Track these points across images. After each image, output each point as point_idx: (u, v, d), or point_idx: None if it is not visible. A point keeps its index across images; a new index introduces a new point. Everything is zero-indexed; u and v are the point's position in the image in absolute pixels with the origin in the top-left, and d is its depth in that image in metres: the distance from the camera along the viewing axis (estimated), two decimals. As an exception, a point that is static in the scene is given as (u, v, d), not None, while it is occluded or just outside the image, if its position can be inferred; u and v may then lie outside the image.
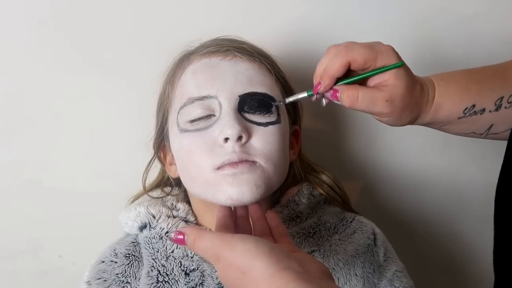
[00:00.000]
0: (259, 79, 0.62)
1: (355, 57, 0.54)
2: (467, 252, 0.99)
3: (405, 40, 0.87)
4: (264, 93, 0.61)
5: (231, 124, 0.57)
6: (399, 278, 0.67)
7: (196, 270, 0.62)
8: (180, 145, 0.62)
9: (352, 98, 0.54)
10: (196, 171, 0.60)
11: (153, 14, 0.80)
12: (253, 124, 0.59)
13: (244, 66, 0.62)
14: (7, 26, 0.76)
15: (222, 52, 0.63)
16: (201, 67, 0.63)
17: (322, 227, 0.68)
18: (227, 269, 0.44)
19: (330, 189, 0.72)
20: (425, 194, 0.95)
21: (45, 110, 0.80)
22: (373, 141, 0.91)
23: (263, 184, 0.58)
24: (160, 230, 0.65)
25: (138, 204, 0.68)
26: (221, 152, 0.57)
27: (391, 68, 0.54)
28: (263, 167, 0.58)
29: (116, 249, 0.67)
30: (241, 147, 0.57)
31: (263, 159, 0.58)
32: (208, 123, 0.59)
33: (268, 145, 0.59)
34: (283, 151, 0.61)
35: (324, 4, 0.84)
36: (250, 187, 0.57)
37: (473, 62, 0.89)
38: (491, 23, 0.89)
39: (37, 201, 0.82)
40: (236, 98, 0.59)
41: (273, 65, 0.66)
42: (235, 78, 0.60)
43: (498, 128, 0.57)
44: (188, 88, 0.62)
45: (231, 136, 0.56)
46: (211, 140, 0.58)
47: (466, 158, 0.94)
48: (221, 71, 0.61)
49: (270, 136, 0.59)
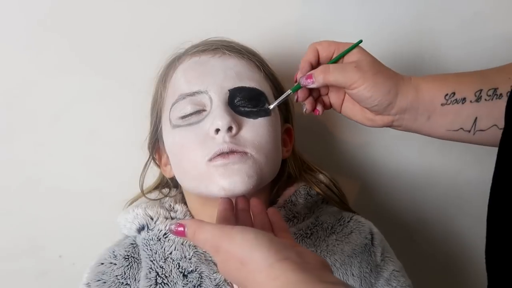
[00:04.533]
0: (248, 75, 0.64)
1: (320, 43, 0.61)
2: (466, 252, 0.98)
3: (405, 40, 0.87)
4: (253, 88, 0.63)
5: (221, 115, 0.58)
6: (396, 277, 0.68)
7: (194, 272, 0.62)
8: (173, 140, 0.63)
9: (324, 70, 0.58)
10: (189, 164, 0.61)
11: (151, 16, 0.80)
12: (243, 117, 0.61)
13: (233, 62, 0.64)
14: (6, 27, 0.76)
15: (212, 50, 0.65)
16: (191, 65, 0.65)
17: (319, 227, 0.68)
18: (227, 260, 0.45)
19: (327, 189, 0.72)
20: (424, 194, 0.94)
21: (45, 110, 0.80)
22: (372, 141, 0.91)
23: (255, 174, 0.59)
24: (158, 231, 0.65)
25: (136, 206, 0.69)
26: (213, 144, 0.59)
27: (354, 46, 0.60)
28: (254, 158, 0.60)
29: (115, 251, 0.67)
30: (231, 138, 0.59)
31: (254, 149, 0.60)
32: (199, 118, 0.61)
33: (258, 136, 0.61)
34: (274, 143, 0.63)
35: (323, 4, 0.84)
36: (242, 177, 0.58)
37: (473, 62, 0.90)
38: (491, 23, 0.89)
39: (37, 201, 0.82)
40: (226, 92, 0.61)
41: (262, 62, 0.68)
42: (224, 73, 0.62)
43: (483, 123, 0.57)
44: (179, 86, 0.63)
45: (221, 126, 0.58)
46: (203, 133, 0.60)
47: (466, 158, 0.94)
48: (210, 67, 0.63)
49: (260, 128, 0.61)
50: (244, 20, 0.83)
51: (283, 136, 0.69)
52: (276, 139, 0.64)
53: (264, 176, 0.61)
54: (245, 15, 0.83)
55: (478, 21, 0.88)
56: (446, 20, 0.87)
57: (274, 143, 0.63)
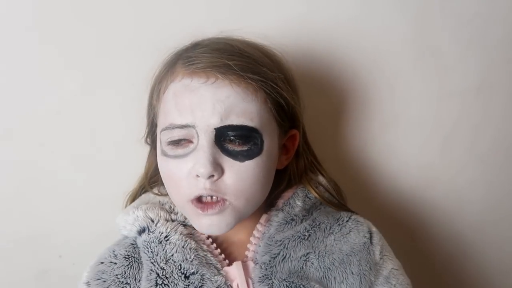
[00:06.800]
0: (239, 108, 0.59)
1: None
2: (466, 252, 0.99)
3: (405, 40, 0.87)
4: (241, 126, 0.59)
5: (203, 162, 0.58)
6: (395, 276, 0.68)
7: (196, 274, 0.62)
8: (161, 168, 0.65)
9: None
10: (175, 196, 0.64)
11: (152, 13, 0.79)
12: (229, 158, 0.59)
13: (225, 93, 0.59)
14: (6, 25, 0.76)
15: (205, 73, 0.60)
16: (181, 89, 0.61)
17: (317, 228, 0.68)
18: None
19: (325, 191, 0.72)
20: (425, 194, 0.94)
21: (45, 109, 0.79)
22: (373, 141, 0.91)
23: (233, 220, 0.62)
24: (159, 234, 0.65)
25: (135, 208, 0.68)
26: (194, 185, 0.60)
27: None
28: (233, 205, 0.61)
29: (115, 251, 0.67)
30: (212, 184, 0.59)
31: (234, 196, 0.60)
32: (185, 151, 0.61)
33: (241, 182, 0.60)
34: (258, 183, 0.62)
35: (324, 4, 0.84)
36: (219, 226, 0.61)
37: (473, 62, 0.90)
38: (491, 23, 0.89)
39: (37, 200, 0.82)
40: (212, 131, 0.59)
41: (265, 81, 0.62)
42: (213, 107, 0.58)
43: None
44: (169, 111, 0.61)
45: (202, 175, 0.58)
46: (187, 170, 0.60)
47: (466, 158, 0.94)
48: (200, 97, 0.59)
49: (244, 172, 0.60)
50: (246, 15, 0.82)
51: (285, 143, 0.68)
52: (264, 175, 0.62)
53: (243, 217, 0.63)
54: (248, 11, 0.82)
55: (478, 21, 0.88)
56: (446, 20, 0.87)
57: (259, 183, 0.62)
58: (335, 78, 0.87)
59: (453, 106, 0.91)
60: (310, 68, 0.84)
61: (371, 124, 0.90)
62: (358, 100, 0.88)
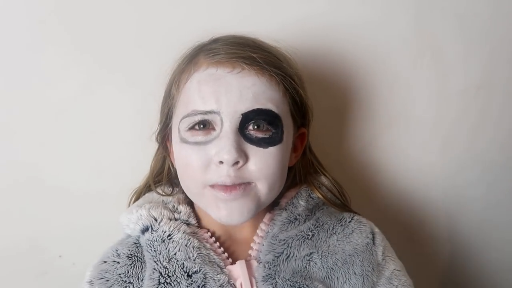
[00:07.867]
0: (266, 95, 0.61)
1: None
2: (466, 252, 0.99)
3: (405, 40, 0.87)
4: (268, 110, 0.60)
5: (228, 149, 0.58)
6: (397, 276, 0.68)
7: (199, 272, 0.62)
8: (178, 154, 0.64)
9: None
10: (191, 184, 0.63)
11: (156, 12, 0.79)
12: (252, 145, 0.60)
13: (251, 81, 0.60)
14: (8, 25, 0.76)
15: (230, 63, 0.61)
16: (207, 78, 0.61)
17: (320, 228, 0.68)
18: None
19: (328, 192, 0.73)
20: (425, 194, 0.95)
21: (46, 109, 0.79)
22: (373, 141, 0.91)
23: (254, 207, 0.61)
24: (162, 233, 0.65)
25: (139, 206, 0.68)
26: (216, 172, 0.59)
27: None
28: (257, 188, 0.61)
29: (118, 250, 0.67)
30: (236, 171, 0.59)
31: (259, 180, 0.61)
32: (207, 138, 0.60)
33: (265, 167, 0.60)
34: (280, 170, 0.63)
35: (325, 5, 0.84)
36: (240, 211, 0.60)
37: (473, 62, 0.90)
38: (490, 23, 0.89)
39: (37, 201, 0.82)
40: (238, 117, 0.59)
41: (284, 76, 0.63)
42: (240, 93, 0.59)
43: None
44: (193, 99, 0.61)
45: (227, 161, 0.58)
46: (208, 157, 0.60)
47: (466, 158, 0.95)
48: (226, 85, 0.60)
49: (268, 158, 0.60)
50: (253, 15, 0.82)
51: (295, 141, 0.69)
52: (284, 165, 0.64)
53: (263, 205, 0.63)
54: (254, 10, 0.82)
55: (478, 21, 0.89)
56: (446, 20, 0.88)
57: (281, 170, 0.63)
58: (334, 79, 0.87)
59: (453, 106, 0.92)
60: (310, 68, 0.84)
61: (371, 124, 0.90)
62: (358, 100, 0.89)
